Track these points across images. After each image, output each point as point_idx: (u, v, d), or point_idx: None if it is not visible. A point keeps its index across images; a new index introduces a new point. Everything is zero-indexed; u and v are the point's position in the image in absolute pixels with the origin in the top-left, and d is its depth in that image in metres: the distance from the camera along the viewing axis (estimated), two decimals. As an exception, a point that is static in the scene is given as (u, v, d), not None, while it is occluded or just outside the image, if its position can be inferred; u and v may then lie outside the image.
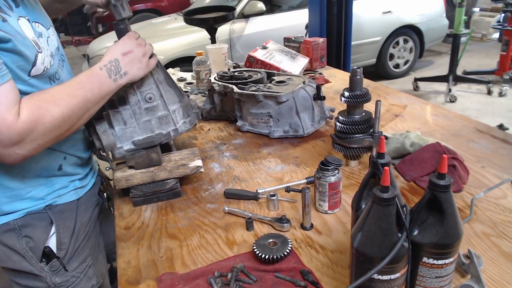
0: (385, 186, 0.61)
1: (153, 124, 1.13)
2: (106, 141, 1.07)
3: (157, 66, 1.13)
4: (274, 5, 5.04)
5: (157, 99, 1.12)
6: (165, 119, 1.14)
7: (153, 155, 1.13)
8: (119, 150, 1.10)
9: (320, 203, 1.02)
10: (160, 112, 1.13)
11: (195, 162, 1.16)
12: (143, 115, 1.12)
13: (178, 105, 1.17)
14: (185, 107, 1.19)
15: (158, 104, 1.12)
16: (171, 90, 1.16)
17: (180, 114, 1.17)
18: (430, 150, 1.14)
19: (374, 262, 0.61)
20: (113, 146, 1.08)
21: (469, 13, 6.87)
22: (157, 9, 8.12)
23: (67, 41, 10.25)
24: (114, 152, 1.10)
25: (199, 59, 2.03)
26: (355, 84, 1.14)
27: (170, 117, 1.14)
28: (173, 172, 1.14)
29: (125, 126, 1.11)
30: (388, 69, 5.51)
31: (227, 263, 0.86)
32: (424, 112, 1.63)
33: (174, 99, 1.16)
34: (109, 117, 1.10)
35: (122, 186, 1.11)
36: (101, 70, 0.97)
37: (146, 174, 1.12)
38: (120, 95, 1.08)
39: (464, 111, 4.26)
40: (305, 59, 2.12)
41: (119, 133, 1.11)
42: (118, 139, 1.11)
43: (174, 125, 1.15)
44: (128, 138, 1.12)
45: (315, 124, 1.49)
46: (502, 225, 0.92)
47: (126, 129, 1.11)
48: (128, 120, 1.11)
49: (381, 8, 5.10)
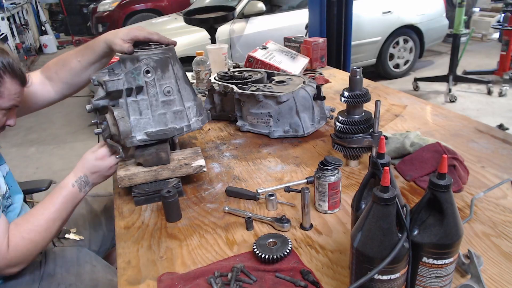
0: (385, 186, 0.61)
1: (168, 117, 1.14)
2: (123, 127, 1.06)
3: (176, 62, 1.15)
4: (274, 5, 5.03)
5: (174, 93, 1.14)
6: (179, 114, 1.15)
7: (162, 154, 1.13)
8: (132, 139, 1.10)
9: (320, 203, 1.02)
10: (176, 107, 1.14)
11: (198, 161, 1.16)
12: (159, 108, 1.12)
13: (193, 103, 1.18)
14: (198, 105, 1.21)
15: (175, 98, 1.14)
16: (188, 88, 1.18)
17: (194, 111, 1.19)
18: (430, 150, 1.14)
19: (374, 262, 0.61)
20: (129, 133, 1.08)
21: (469, 13, 6.88)
22: (157, 9, 8.11)
23: (67, 41, 10.25)
24: (126, 141, 1.09)
25: (199, 59, 2.03)
26: (355, 84, 1.14)
27: (185, 113, 1.16)
28: (176, 171, 1.14)
29: (140, 116, 1.11)
30: (388, 69, 5.50)
31: (227, 263, 0.86)
32: (424, 112, 1.63)
33: (190, 97, 1.18)
34: (126, 106, 1.09)
35: (125, 184, 1.11)
36: (73, 187, 1.11)
37: (149, 173, 1.12)
38: (140, 84, 1.08)
39: (464, 111, 4.26)
40: (305, 59, 2.12)
41: (134, 122, 1.11)
42: (132, 128, 1.10)
43: (188, 121, 1.16)
44: (141, 129, 1.12)
45: (315, 124, 1.49)
46: (502, 225, 0.92)
47: (140, 119, 1.11)
48: (144, 110, 1.11)
49: (381, 8, 5.09)
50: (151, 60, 1.09)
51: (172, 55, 1.15)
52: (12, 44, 6.98)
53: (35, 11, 9.89)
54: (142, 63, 1.08)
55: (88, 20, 9.71)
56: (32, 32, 9.14)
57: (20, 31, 8.03)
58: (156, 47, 1.14)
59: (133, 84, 1.07)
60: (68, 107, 5.36)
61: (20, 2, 8.53)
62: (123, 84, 1.06)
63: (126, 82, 1.07)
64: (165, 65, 1.12)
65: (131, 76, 1.07)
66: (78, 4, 10.85)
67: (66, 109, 5.33)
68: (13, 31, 7.50)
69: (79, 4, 10.82)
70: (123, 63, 1.12)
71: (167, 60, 1.12)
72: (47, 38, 9.49)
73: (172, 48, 1.17)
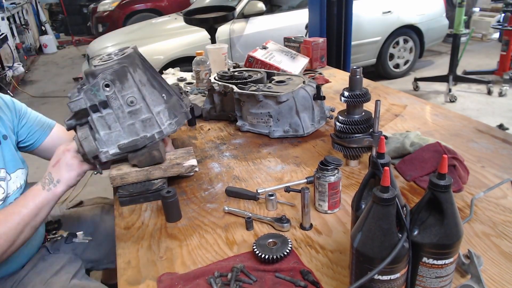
0: (385, 186, 0.61)
1: (137, 127, 1.11)
2: (87, 148, 1.05)
3: (139, 67, 1.11)
4: (274, 5, 5.03)
5: (139, 102, 1.10)
6: (149, 121, 1.12)
7: (155, 153, 1.12)
8: (105, 154, 1.09)
9: (320, 203, 1.02)
10: (144, 115, 1.11)
11: (190, 161, 1.16)
12: (126, 119, 1.10)
13: (163, 106, 1.14)
14: (171, 108, 1.16)
15: (141, 107, 1.10)
16: (155, 92, 1.14)
17: (166, 115, 1.15)
18: (430, 150, 1.14)
19: (374, 262, 0.61)
20: (96, 152, 1.07)
21: (469, 13, 6.87)
22: (157, 9, 8.11)
23: (67, 41, 10.25)
24: (100, 157, 1.09)
25: (199, 59, 2.03)
26: (355, 84, 1.14)
27: (154, 119, 1.12)
28: (168, 171, 1.14)
29: (110, 130, 1.10)
30: (388, 69, 5.50)
31: (227, 263, 0.86)
32: (424, 112, 1.63)
33: (159, 101, 1.14)
34: (94, 122, 1.09)
35: (117, 184, 1.12)
36: (37, 186, 1.07)
37: (141, 173, 1.12)
38: (102, 100, 1.07)
39: (464, 111, 4.26)
40: (305, 59, 2.12)
41: (105, 137, 1.09)
42: (104, 143, 1.09)
43: (158, 127, 1.13)
44: (114, 142, 1.10)
45: (315, 124, 1.49)
46: (502, 225, 0.92)
47: (111, 133, 1.10)
48: (112, 124, 1.09)
49: (381, 8, 5.09)
50: (107, 74, 1.06)
51: (131, 62, 1.10)
52: (12, 44, 6.98)
53: (35, 11, 9.89)
54: (99, 78, 1.06)
55: (88, 20, 9.73)
56: (32, 32, 9.14)
57: (20, 31, 8.03)
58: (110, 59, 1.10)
59: (95, 100, 1.05)
60: (68, 107, 5.35)
61: (20, 2, 8.52)
62: (85, 102, 1.06)
63: (87, 100, 1.06)
64: (123, 75, 1.08)
65: (91, 93, 1.06)
66: (78, 4, 10.85)
67: (66, 109, 5.29)
68: (13, 31, 7.50)
69: (79, 4, 10.82)
70: (87, 78, 1.09)
71: (123, 70, 1.08)
72: (47, 38, 9.49)
73: (131, 55, 1.11)
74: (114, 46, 4.47)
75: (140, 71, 1.11)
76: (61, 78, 6.95)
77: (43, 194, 1.05)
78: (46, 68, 7.90)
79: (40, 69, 7.91)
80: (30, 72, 7.61)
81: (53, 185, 1.06)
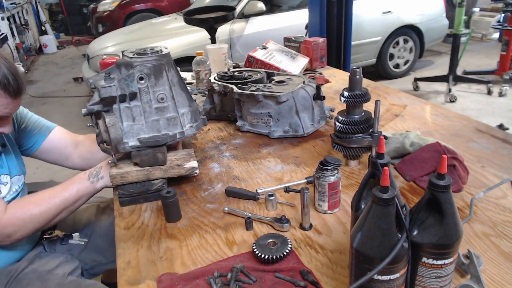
0: (385, 186, 0.61)
1: (161, 124, 1.14)
2: (114, 135, 1.07)
3: (173, 68, 1.15)
4: (274, 5, 5.03)
5: (168, 100, 1.13)
6: (173, 120, 1.15)
7: (159, 155, 1.13)
8: (124, 145, 1.10)
9: (320, 203, 1.02)
10: (170, 114, 1.14)
11: (191, 163, 1.16)
12: (152, 114, 1.12)
13: (188, 109, 1.18)
14: (193, 111, 1.20)
15: (168, 105, 1.13)
16: (183, 94, 1.18)
17: (189, 118, 1.18)
18: (430, 150, 1.14)
19: (374, 262, 0.61)
20: (120, 141, 1.08)
21: (469, 13, 6.87)
22: (157, 9, 8.10)
23: (67, 41, 10.25)
24: (118, 147, 1.10)
25: (199, 59, 2.03)
26: (355, 84, 1.14)
27: (179, 120, 1.15)
28: (168, 172, 1.14)
29: (133, 122, 1.12)
30: (388, 69, 5.50)
31: (226, 263, 0.86)
32: (424, 112, 1.63)
33: (184, 103, 1.18)
34: (119, 112, 1.10)
35: (117, 182, 1.12)
36: (84, 174, 1.15)
37: (141, 172, 1.12)
38: (133, 91, 1.08)
39: (464, 111, 4.26)
40: (305, 59, 2.12)
41: (127, 128, 1.11)
42: (125, 134, 1.11)
43: (181, 127, 1.16)
44: (134, 135, 1.12)
45: (315, 124, 1.49)
46: (502, 225, 0.92)
47: (134, 125, 1.12)
48: (137, 117, 1.11)
49: (381, 8, 5.09)
50: (145, 67, 1.08)
51: (167, 61, 1.14)
52: (12, 44, 6.99)
53: (35, 11, 9.89)
54: (135, 70, 1.08)
55: (88, 20, 9.72)
56: (32, 32, 9.14)
57: (20, 31, 8.04)
58: (151, 54, 1.13)
59: (127, 90, 1.07)
60: (68, 107, 5.36)
61: (20, 2, 8.53)
62: (116, 90, 1.06)
63: (119, 89, 1.07)
64: (159, 72, 1.11)
65: (124, 83, 1.07)
66: (78, 4, 10.84)
67: (66, 109, 5.33)
68: (13, 31, 7.51)
69: (79, 4, 10.82)
70: (118, 68, 1.11)
71: (161, 67, 1.11)
72: (47, 38, 9.49)
73: (168, 55, 1.16)
74: (114, 46, 4.48)
75: (173, 71, 1.15)
76: (61, 78, 6.95)
77: (86, 184, 1.13)
78: (46, 68, 7.91)
79: (40, 69, 7.91)
80: (30, 72, 7.61)
81: (96, 179, 1.14)
